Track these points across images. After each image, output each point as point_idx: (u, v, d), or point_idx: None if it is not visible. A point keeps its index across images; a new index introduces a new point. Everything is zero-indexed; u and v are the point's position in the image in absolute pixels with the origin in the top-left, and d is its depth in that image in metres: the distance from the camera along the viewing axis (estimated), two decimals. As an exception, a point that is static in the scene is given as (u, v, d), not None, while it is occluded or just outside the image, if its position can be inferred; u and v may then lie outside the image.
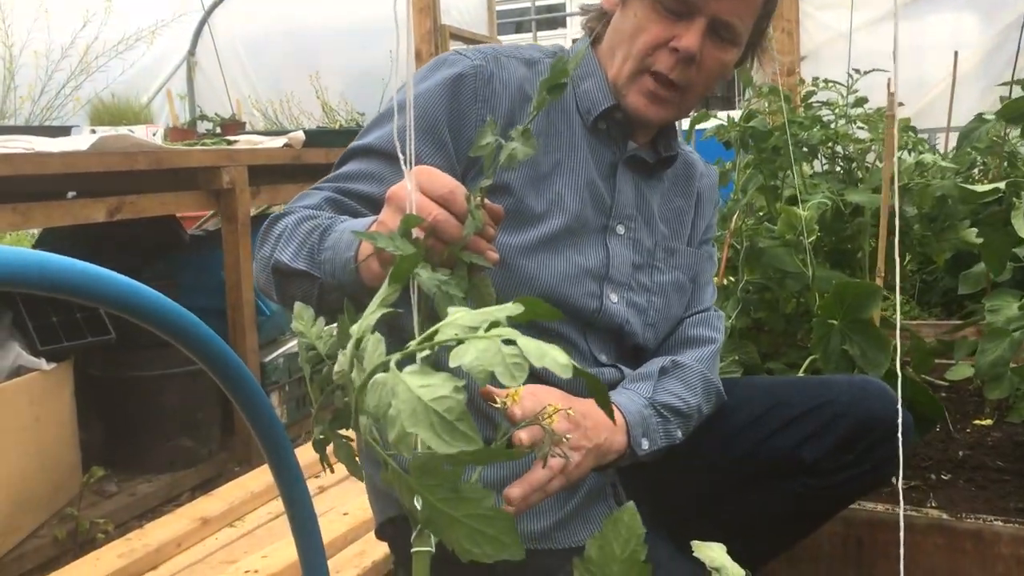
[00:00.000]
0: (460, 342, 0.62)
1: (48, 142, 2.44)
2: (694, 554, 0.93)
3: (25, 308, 2.29)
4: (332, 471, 0.99)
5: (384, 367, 0.65)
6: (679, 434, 1.35)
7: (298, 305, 0.99)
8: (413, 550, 0.84)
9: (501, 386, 1.31)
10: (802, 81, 2.95)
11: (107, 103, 3.36)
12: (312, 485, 2.59)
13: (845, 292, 1.91)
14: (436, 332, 0.64)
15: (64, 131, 2.82)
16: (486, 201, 0.98)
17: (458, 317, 0.65)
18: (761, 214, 2.92)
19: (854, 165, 2.89)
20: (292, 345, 3.08)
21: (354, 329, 0.75)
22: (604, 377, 1.38)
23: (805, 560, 1.76)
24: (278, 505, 2.54)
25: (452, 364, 0.60)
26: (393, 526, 1.45)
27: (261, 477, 2.62)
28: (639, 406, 1.31)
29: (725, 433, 1.42)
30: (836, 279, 2.27)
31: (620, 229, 1.40)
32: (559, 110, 1.37)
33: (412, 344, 0.64)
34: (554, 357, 0.59)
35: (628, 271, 1.41)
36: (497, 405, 0.99)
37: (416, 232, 0.88)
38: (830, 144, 2.84)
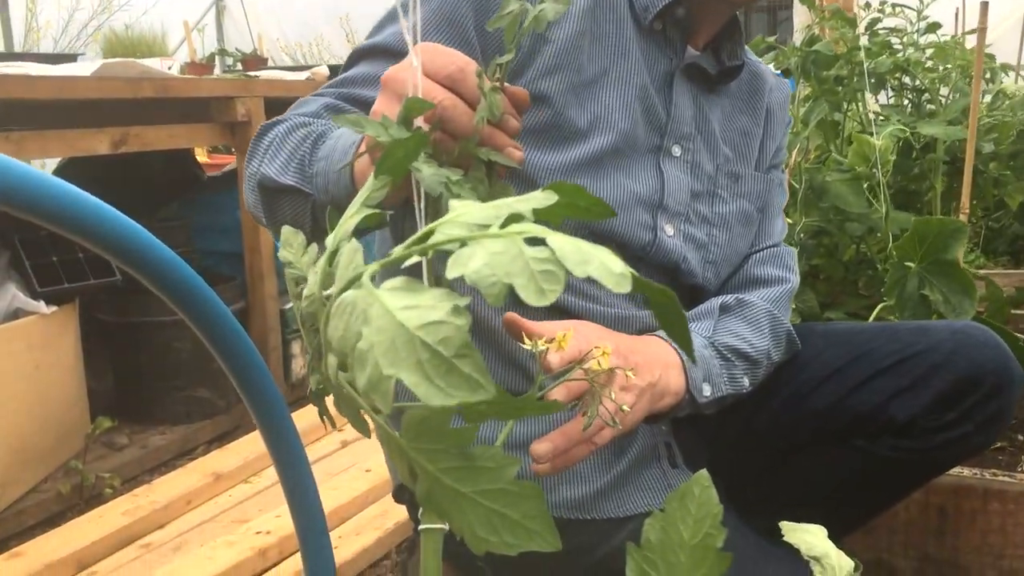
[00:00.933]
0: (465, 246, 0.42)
1: (49, 68, 2.26)
2: (785, 539, 0.73)
3: (23, 248, 2.12)
4: (334, 427, 0.82)
5: (357, 283, 0.45)
6: (746, 382, 1.15)
7: (286, 230, 0.82)
8: (420, 527, 0.65)
9: (523, 311, 1.12)
10: (867, 5, 2.68)
11: (120, 35, 3.16)
12: (335, 439, 2.42)
13: (926, 230, 1.68)
14: (431, 233, 0.44)
15: (70, 59, 2.65)
16: (506, 84, 0.77)
17: (463, 212, 0.45)
18: (817, 154, 2.68)
19: (925, 97, 2.63)
20: (315, 291, 2.89)
21: (329, 240, 0.55)
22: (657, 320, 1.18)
23: (879, 529, 1.56)
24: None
25: (451, 274, 0.41)
26: (411, 490, 1.26)
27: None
28: (697, 346, 1.11)
29: (799, 385, 1.22)
30: (907, 219, 2.05)
31: (676, 150, 1.19)
32: (607, 7, 1.15)
33: (397, 250, 0.44)
34: (603, 262, 0.40)
35: (685, 199, 1.20)
36: (527, 346, 0.79)
37: (419, 122, 0.69)
38: (899, 74, 2.58)
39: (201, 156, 3.69)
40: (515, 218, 0.43)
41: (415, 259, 0.45)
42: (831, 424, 1.19)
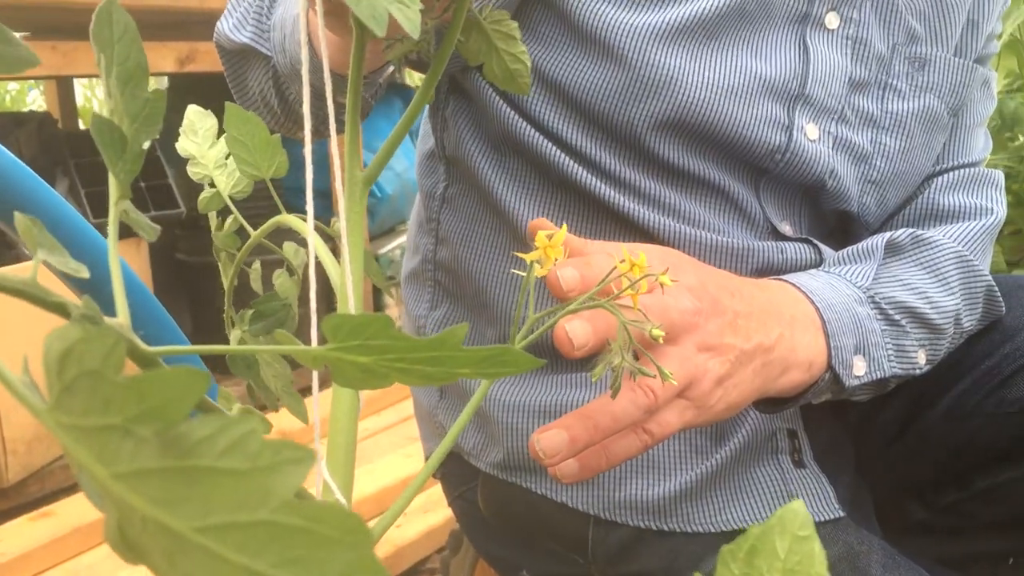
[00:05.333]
0: None
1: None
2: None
3: (79, 175, 1.92)
4: (273, 407, 0.57)
5: None
6: (921, 358, 0.77)
7: (191, 112, 0.58)
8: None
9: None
10: None
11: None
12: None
13: None
14: None
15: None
16: None
17: None
18: (1007, 81, 2.22)
19: None
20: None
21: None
22: (786, 256, 0.82)
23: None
24: (377, 420, 2.11)
25: None
26: (442, 464, 0.96)
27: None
28: (848, 299, 0.74)
29: (999, 363, 0.84)
30: None
31: (831, 20, 0.82)
32: None
33: None
34: None
35: (840, 90, 0.82)
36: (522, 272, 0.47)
37: None
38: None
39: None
40: None
41: None
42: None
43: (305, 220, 0.52)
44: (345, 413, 0.43)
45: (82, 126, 2.60)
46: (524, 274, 0.46)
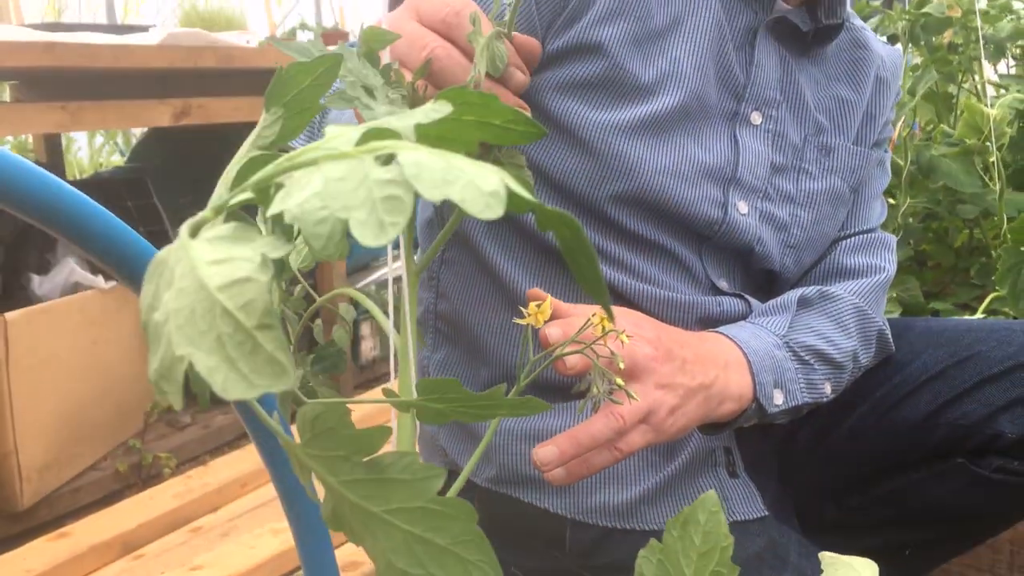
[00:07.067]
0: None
1: (115, 39, 2.21)
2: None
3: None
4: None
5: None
6: (827, 389, 0.98)
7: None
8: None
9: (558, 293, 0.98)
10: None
11: (200, 9, 3.13)
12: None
13: (1046, 209, 1.47)
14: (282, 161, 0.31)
15: (141, 30, 2.62)
16: (515, 33, 0.68)
17: (335, 137, 0.32)
18: (929, 128, 2.46)
19: (1051, 67, 2.38)
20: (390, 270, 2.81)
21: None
22: (723, 308, 1.02)
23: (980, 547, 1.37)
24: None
25: (272, 210, 0.28)
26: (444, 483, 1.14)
27: (355, 412, 2.37)
28: (768, 345, 0.95)
29: (891, 391, 1.04)
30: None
31: (755, 118, 1.02)
32: None
33: (218, 190, 0.32)
34: (472, 180, 0.26)
35: (764, 173, 1.03)
36: (523, 321, 0.66)
37: (407, 76, 0.61)
38: (1021, 41, 2.33)
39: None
40: (381, 135, 0.30)
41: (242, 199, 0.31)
42: (927, 438, 1.02)
43: (361, 292, 0.70)
44: (407, 427, 0.61)
45: (68, 176, 2.76)
46: (523, 322, 0.65)
